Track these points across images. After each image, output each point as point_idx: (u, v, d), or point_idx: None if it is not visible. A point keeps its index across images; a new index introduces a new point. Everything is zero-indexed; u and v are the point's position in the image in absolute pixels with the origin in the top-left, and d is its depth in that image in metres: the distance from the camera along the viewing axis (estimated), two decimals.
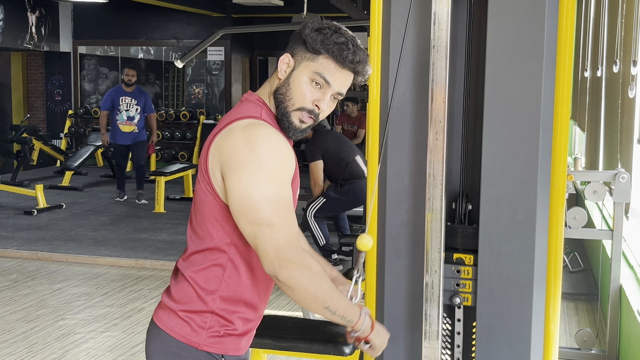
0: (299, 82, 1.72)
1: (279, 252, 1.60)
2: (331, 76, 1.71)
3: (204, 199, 1.73)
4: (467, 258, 2.07)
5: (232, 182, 1.63)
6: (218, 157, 1.67)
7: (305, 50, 1.72)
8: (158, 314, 1.82)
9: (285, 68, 1.75)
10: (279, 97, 1.74)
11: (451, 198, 2.10)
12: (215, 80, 12.12)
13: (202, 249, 1.75)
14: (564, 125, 2.02)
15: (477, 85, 2.05)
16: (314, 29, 1.72)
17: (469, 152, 2.10)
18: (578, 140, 8.40)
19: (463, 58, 2.06)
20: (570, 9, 1.98)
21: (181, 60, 6.34)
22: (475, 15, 2.04)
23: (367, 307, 2.21)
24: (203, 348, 1.74)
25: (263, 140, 1.64)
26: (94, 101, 12.72)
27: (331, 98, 1.74)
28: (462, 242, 2.08)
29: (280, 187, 1.64)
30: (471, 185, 2.09)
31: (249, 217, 1.61)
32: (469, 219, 2.09)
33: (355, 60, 1.71)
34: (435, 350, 2.03)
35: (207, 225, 1.73)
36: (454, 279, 2.08)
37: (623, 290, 3.91)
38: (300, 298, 1.65)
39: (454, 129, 2.08)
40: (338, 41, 1.70)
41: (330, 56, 1.70)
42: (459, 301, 2.07)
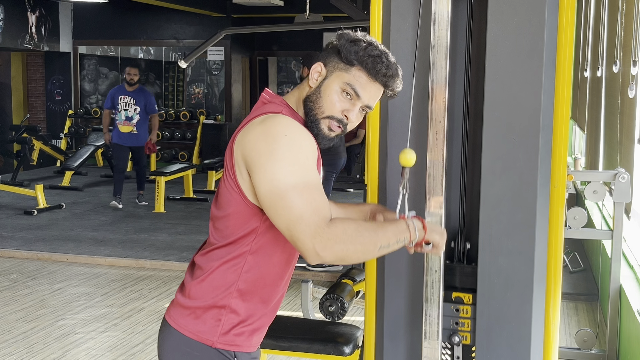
0: (330, 91, 1.73)
1: (314, 239, 1.58)
2: (362, 89, 1.72)
3: (228, 197, 1.73)
4: (465, 297, 2.07)
5: (257, 177, 1.64)
6: (241, 154, 1.68)
7: (339, 60, 1.73)
8: (170, 312, 1.83)
9: (317, 77, 1.76)
10: (309, 104, 1.75)
11: (450, 237, 2.10)
12: (215, 80, 12.12)
13: (223, 245, 1.76)
14: (564, 125, 2.02)
15: (477, 85, 2.05)
16: (349, 40, 1.73)
17: (469, 153, 2.10)
18: (578, 140, 8.40)
19: (463, 58, 2.06)
20: (570, 9, 1.98)
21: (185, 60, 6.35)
22: (475, 15, 2.04)
23: (367, 306, 2.21)
24: (216, 346, 1.74)
25: (281, 129, 1.65)
26: (94, 101, 12.72)
27: (360, 110, 1.76)
28: (461, 281, 2.09)
29: (306, 173, 1.63)
30: (470, 224, 2.09)
31: (279, 210, 1.61)
32: (468, 257, 2.09)
33: (388, 75, 1.72)
34: (435, 350, 2.03)
35: (231, 224, 1.74)
36: (452, 317, 2.08)
37: (623, 290, 3.91)
38: (355, 259, 1.65)
39: (454, 129, 2.08)
40: (372, 54, 1.71)
41: (364, 68, 1.71)
42: (458, 340, 2.07)
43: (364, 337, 2.31)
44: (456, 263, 2.10)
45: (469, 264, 2.09)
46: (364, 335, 2.32)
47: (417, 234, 1.72)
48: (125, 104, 8.22)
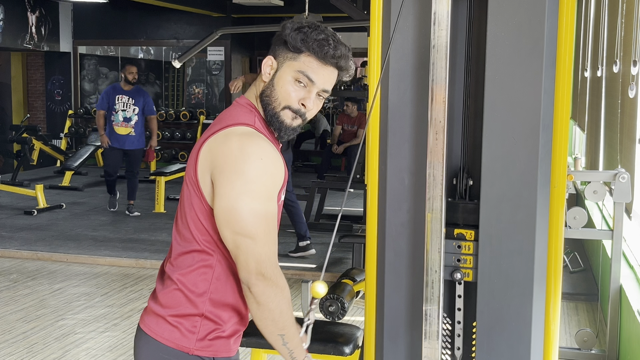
0: (283, 82, 1.72)
1: (259, 265, 1.61)
2: (314, 74, 1.71)
3: (190, 200, 1.72)
4: (467, 233, 2.06)
5: (222, 190, 1.63)
6: (210, 161, 1.67)
7: (287, 50, 1.72)
8: (145, 320, 1.80)
9: (268, 70, 1.75)
10: (264, 99, 1.74)
11: (452, 174, 2.09)
12: (215, 80, 12.12)
13: (189, 251, 1.74)
14: (564, 125, 2.02)
15: (477, 85, 2.05)
16: (293, 28, 1.72)
17: (468, 153, 2.10)
18: (578, 140, 8.40)
19: (463, 58, 2.06)
20: (570, 9, 1.98)
21: (179, 60, 6.32)
22: (475, 15, 2.04)
23: (367, 306, 2.21)
24: (194, 352, 1.73)
25: (258, 152, 1.64)
26: (94, 101, 12.72)
27: (317, 96, 1.75)
28: (463, 218, 2.08)
29: (269, 201, 1.65)
30: (472, 161, 2.09)
31: (234, 226, 1.62)
32: (470, 194, 2.09)
33: (337, 55, 1.71)
34: (435, 350, 2.03)
35: (193, 227, 1.73)
36: (454, 254, 2.07)
37: (623, 290, 3.91)
38: (263, 316, 1.66)
39: (454, 129, 2.08)
40: (318, 38, 1.70)
41: (312, 53, 1.70)
42: (460, 276, 2.06)
43: (364, 337, 2.31)
44: (458, 199, 2.09)
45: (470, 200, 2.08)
46: (364, 335, 2.32)
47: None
48: (124, 104, 7.75)
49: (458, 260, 2.07)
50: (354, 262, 5.35)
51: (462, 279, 2.07)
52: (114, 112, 7.74)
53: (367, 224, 2.19)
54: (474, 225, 2.05)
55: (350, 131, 10.23)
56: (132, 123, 7.75)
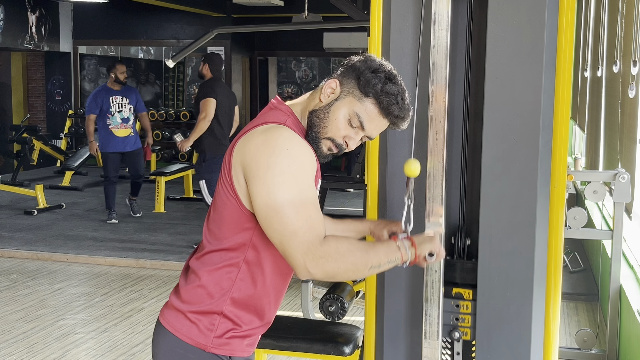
0: (338, 114, 1.72)
1: (306, 256, 1.60)
2: (369, 122, 1.72)
3: (225, 200, 1.73)
4: (466, 293, 2.07)
5: (255, 188, 1.63)
6: (240, 161, 1.67)
7: (356, 86, 1.72)
8: (164, 314, 1.82)
9: (329, 92, 1.74)
10: (314, 119, 1.74)
11: (450, 233, 2.10)
12: None
13: (217, 249, 1.75)
14: (564, 125, 2.02)
15: (477, 85, 2.05)
16: (371, 68, 1.71)
17: (469, 153, 2.10)
18: (578, 140, 8.40)
19: (463, 58, 2.06)
20: (570, 9, 1.98)
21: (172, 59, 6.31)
22: (475, 15, 2.04)
23: (367, 306, 2.21)
24: (210, 350, 1.74)
25: (283, 143, 1.64)
26: None
27: (360, 139, 1.76)
28: (461, 277, 2.09)
29: (303, 189, 1.64)
30: (470, 220, 2.09)
31: (274, 224, 1.62)
32: (468, 253, 2.09)
33: (400, 116, 1.72)
34: (435, 350, 2.03)
35: (225, 227, 1.73)
36: (453, 313, 2.08)
37: (623, 290, 3.91)
38: (345, 277, 1.66)
39: (454, 129, 2.08)
40: (389, 91, 1.69)
41: (377, 104, 1.70)
42: (458, 335, 2.07)
43: (364, 337, 2.31)
44: (456, 259, 2.10)
45: (469, 259, 2.09)
46: (364, 335, 2.32)
47: (408, 252, 1.73)
48: (119, 104, 7.32)
49: (456, 319, 2.08)
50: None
51: (461, 338, 2.08)
52: (109, 115, 7.28)
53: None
54: (472, 285, 2.06)
55: None
56: (130, 123, 7.43)
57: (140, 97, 7.64)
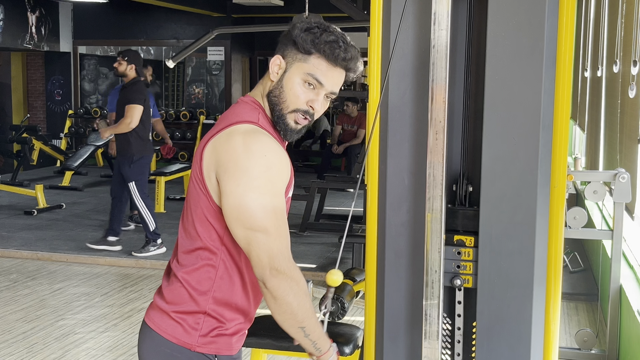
0: (291, 83, 1.72)
1: (272, 260, 1.61)
2: (323, 76, 1.71)
3: (196, 198, 1.73)
4: (467, 240, 2.06)
5: (228, 187, 1.63)
6: (215, 159, 1.67)
7: (297, 51, 1.72)
8: (150, 315, 1.82)
9: (277, 70, 1.75)
10: (272, 99, 1.74)
11: (451, 180, 2.09)
12: (215, 80, 12.12)
13: (194, 249, 1.75)
14: (564, 125, 2.02)
15: (477, 85, 2.05)
16: (303, 29, 1.71)
17: (469, 153, 2.10)
18: (578, 140, 8.41)
19: (463, 58, 2.06)
20: (570, 9, 1.98)
21: (172, 60, 6.30)
22: (475, 15, 2.04)
23: (367, 306, 2.21)
24: (196, 349, 1.74)
25: (262, 148, 1.64)
26: (94, 101, 12.72)
27: (324, 97, 1.75)
28: (463, 224, 2.08)
29: (276, 197, 1.65)
30: (472, 167, 2.09)
31: (244, 222, 1.62)
32: (470, 201, 2.09)
33: (347, 58, 1.71)
34: (435, 350, 2.03)
35: (198, 225, 1.73)
36: (454, 260, 2.07)
37: (623, 290, 3.91)
38: (281, 310, 1.65)
39: (454, 129, 2.08)
40: (328, 40, 1.70)
41: (322, 55, 1.70)
42: (460, 283, 2.06)
43: (364, 337, 2.31)
44: (458, 206, 2.09)
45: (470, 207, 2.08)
46: (364, 335, 2.32)
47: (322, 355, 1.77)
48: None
49: (458, 267, 2.08)
50: (354, 262, 5.35)
51: (462, 285, 2.07)
52: None
53: (367, 224, 2.19)
54: (474, 232, 2.05)
55: (350, 131, 10.24)
56: None
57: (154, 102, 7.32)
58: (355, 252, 5.30)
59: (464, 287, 2.08)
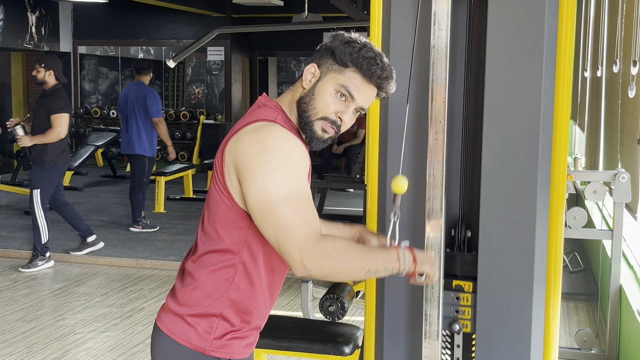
0: (324, 92, 1.72)
1: (303, 251, 1.59)
2: (356, 90, 1.71)
3: (218, 200, 1.72)
4: (466, 285, 2.07)
5: (248, 186, 1.63)
6: (232, 161, 1.67)
7: (333, 62, 1.72)
8: (162, 318, 1.81)
9: (310, 78, 1.75)
10: (302, 106, 1.74)
11: (450, 225, 2.10)
12: (215, 80, 12.12)
13: (213, 250, 1.75)
14: (564, 125, 2.02)
15: (477, 85, 2.05)
16: (343, 41, 1.72)
17: (469, 153, 2.10)
18: (578, 140, 8.41)
19: (463, 58, 2.06)
20: (570, 9, 1.98)
21: (173, 60, 6.29)
22: (475, 15, 2.04)
23: (367, 306, 2.21)
24: (210, 353, 1.74)
25: (275, 140, 1.64)
26: (94, 101, 12.72)
27: (353, 111, 1.75)
28: (461, 269, 2.09)
29: (297, 185, 1.63)
30: (470, 213, 2.09)
31: (269, 220, 1.61)
32: (468, 246, 2.09)
33: (383, 77, 1.71)
34: (435, 350, 2.03)
35: (219, 227, 1.73)
36: (453, 305, 2.08)
37: (623, 290, 3.91)
38: (341, 278, 1.65)
39: (454, 129, 2.08)
40: (367, 56, 1.70)
41: (358, 70, 1.70)
42: (459, 328, 2.07)
43: (364, 337, 2.31)
44: (456, 251, 2.09)
45: (469, 252, 2.08)
46: (364, 335, 2.32)
47: (407, 265, 1.71)
48: None
49: (457, 312, 2.08)
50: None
51: (461, 330, 2.08)
52: None
53: (367, 224, 2.19)
54: (473, 277, 2.06)
55: (350, 131, 10.23)
56: None
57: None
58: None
59: (462, 332, 2.08)
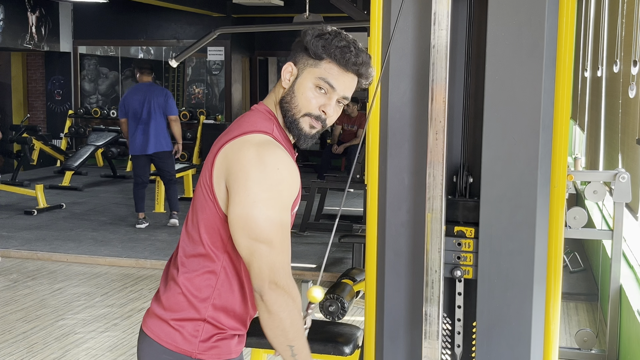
0: (303, 88, 1.72)
1: (273, 274, 1.61)
2: (335, 80, 1.71)
3: (203, 203, 1.72)
4: (467, 231, 2.06)
5: (237, 197, 1.63)
6: (225, 167, 1.66)
7: (308, 57, 1.72)
8: (147, 323, 1.80)
9: (288, 77, 1.75)
10: (284, 105, 1.74)
11: (452, 171, 2.09)
12: (215, 80, 12.12)
13: (196, 254, 1.74)
14: (564, 125, 2.02)
15: (477, 85, 2.05)
16: (314, 35, 1.72)
17: (469, 153, 2.10)
18: (578, 140, 8.41)
19: (463, 58, 2.06)
20: (570, 9, 1.98)
21: (175, 59, 6.29)
22: (475, 15, 2.04)
23: (367, 306, 2.21)
24: (197, 356, 1.73)
25: (275, 161, 1.64)
26: (94, 101, 12.72)
27: (337, 103, 1.75)
28: (463, 215, 2.08)
29: (283, 211, 1.65)
30: (472, 159, 2.09)
31: (249, 233, 1.61)
32: (470, 192, 2.08)
33: (358, 62, 1.71)
34: (435, 350, 2.03)
35: (202, 231, 1.72)
36: (454, 252, 2.07)
37: (623, 290, 3.91)
38: (273, 326, 1.64)
39: (454, 129, 2.08)
40: (340, 45, 1.70)
41: (333, 60, 1.70)
42: (460, 274, 2.06)
43: (364, 337, 2.31)
44: (458, 197, 2.09)
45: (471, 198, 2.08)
46: (364, 335, 2.32)
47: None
48: None
49: (458, 258, 2.07)
50: (354, 262, 5.35)
51: (462, 277, 2.07)
52: None
53: (367, 224, 2.19)
54: (474, 223, 2.05)
55: (350, 131, 10.24)
56: None
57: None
58: (355, 252, 5.30)
59: (464, 278, 2.07)
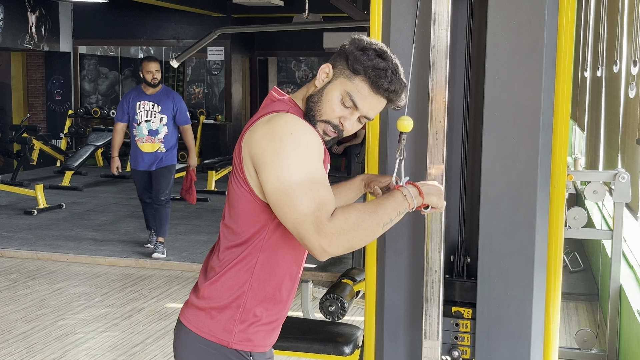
0: (330, 96, 1.73)
1: (319, 235, 1.58)
2: (362, 100, 1.71)
3: (239, 195, 1.74)
4: (465, 311, 2.07)
5: (264, 175, 1.64)
6: (248, 153, 1.69)
7: (345, 66, 1.72)
8: (185, 313, 1.84)
9: (323, 77, 1.76)
10: (310, 104, 1.76)
11: (449, 251, 2.10)
12: (215, 80, 12.12)
13: (235, 244, 1.76)
14: (564, 125, 2.02)
15: (477, 85, 2.05)
16: (359, 47, 1.72)
17: (469, 154, 2.10)
18: (578, 140, 8.41)
19: (463, 58, 2.06)
20: (570, 9, 1.98)
21: (177, 59, 6.29)
22: (475, 15, 2.04)
23: (367, 306, 2.21)
24: (232, 346, 1.76)
25: (287, 128, 1.65)
26: (94, 101, 12.73)
27: (357, 119, 1.76)
28: (461, 295, 2.09)
29: (310, 170, 1.63)
30: (470, 239, 2.09)
31: (284, 207, 1.61)
32: (468, 272, 2.09)
33: (390, 90, 1.71)
34: (435, 350, 2.03)
35: (242, 221, 1.75)
36: (452, 332, 2.08)
37: (623, 290, 3.91)
38: (363, 243, 1.64)
39: (454, 129, 2.08)
40: (378, 67, 1.69)
41: (367, 80, 1.70)
42: (458, 355, 2.07)
43: (364, 337, 2.31)
44: (455, 278, 2.10)
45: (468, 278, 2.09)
46: (364, 335, 2.32)
47: (414, 201, 1.71)
48: (147, 112, 6.02)
49: (456, 338, 2.08)
50: (354, 262, 5.35)
51: (460, 357, 2.07)
52: (135, 125, 6.02)
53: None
54: (472, 304, 2.06)
55: None
56: (160, 136, 6.06)
57: (184, 107, 6.17)
58: (355, 252, 5.30)
59: (462, 358, 2.08)
